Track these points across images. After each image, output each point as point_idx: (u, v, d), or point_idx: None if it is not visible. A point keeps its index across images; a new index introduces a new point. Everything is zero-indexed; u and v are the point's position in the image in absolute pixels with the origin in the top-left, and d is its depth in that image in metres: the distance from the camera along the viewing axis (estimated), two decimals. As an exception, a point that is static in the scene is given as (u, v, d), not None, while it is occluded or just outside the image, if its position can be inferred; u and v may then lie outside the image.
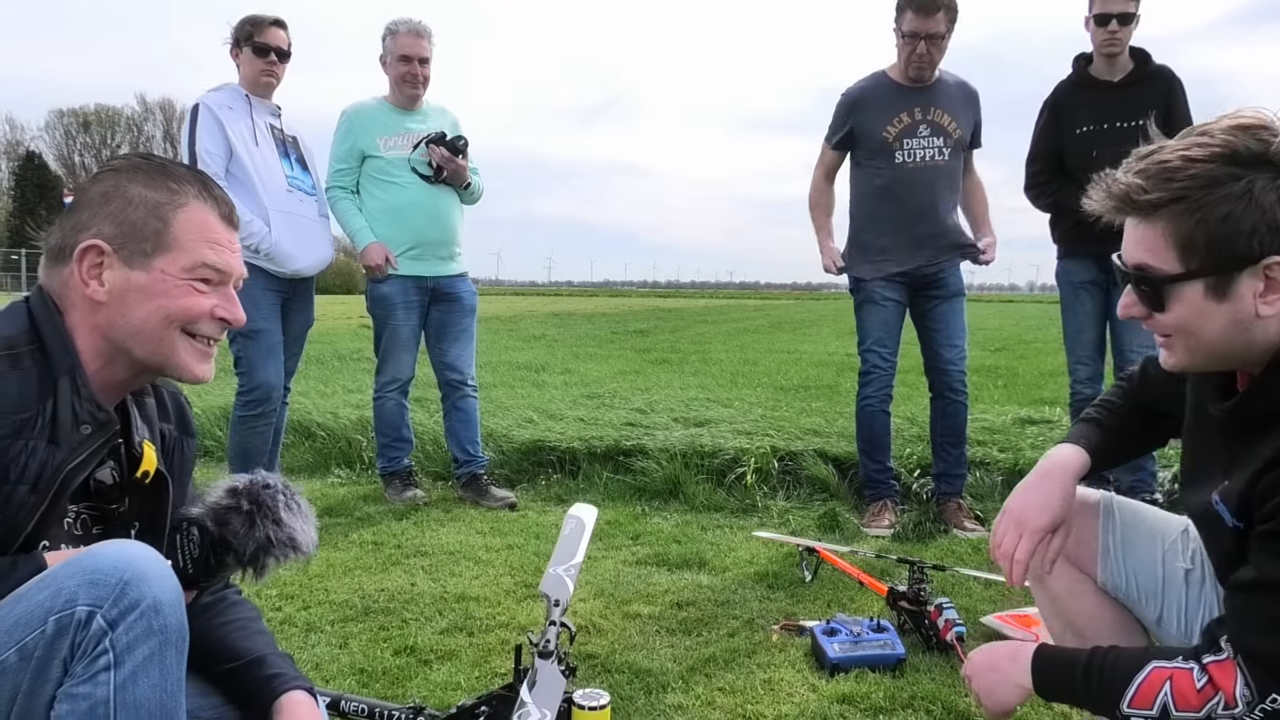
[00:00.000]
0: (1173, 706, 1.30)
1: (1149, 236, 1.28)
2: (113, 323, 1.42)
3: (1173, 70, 4.05)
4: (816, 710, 2.37)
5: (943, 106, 4.09)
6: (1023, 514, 1.57)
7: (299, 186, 4.14)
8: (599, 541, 3.87)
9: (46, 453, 1.33)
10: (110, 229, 1.41)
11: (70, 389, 1.37)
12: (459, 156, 4.44)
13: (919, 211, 4.10)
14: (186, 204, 1.46)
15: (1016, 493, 1.62)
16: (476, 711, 1.88)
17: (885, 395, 4.22)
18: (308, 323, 4.35)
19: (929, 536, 3.98)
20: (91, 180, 1.48)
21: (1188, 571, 1.65)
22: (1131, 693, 1.33)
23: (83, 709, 1.19)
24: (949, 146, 4.10)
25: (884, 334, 4.19)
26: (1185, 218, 1.23)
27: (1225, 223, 1.21)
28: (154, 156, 1.52)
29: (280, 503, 1.51)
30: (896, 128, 4.07)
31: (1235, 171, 1.21)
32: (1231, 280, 1.24)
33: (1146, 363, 1.70)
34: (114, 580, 1.21)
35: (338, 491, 4.80)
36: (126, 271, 1.42)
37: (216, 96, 4.03)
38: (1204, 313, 1.27)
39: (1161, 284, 1.29)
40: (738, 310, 29.61)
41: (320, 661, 2.66)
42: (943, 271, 4.17)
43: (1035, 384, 8.17)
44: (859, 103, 4.15)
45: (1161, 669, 1.33)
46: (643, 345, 13.39)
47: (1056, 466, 1.61)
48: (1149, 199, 1.25)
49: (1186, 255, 1.25)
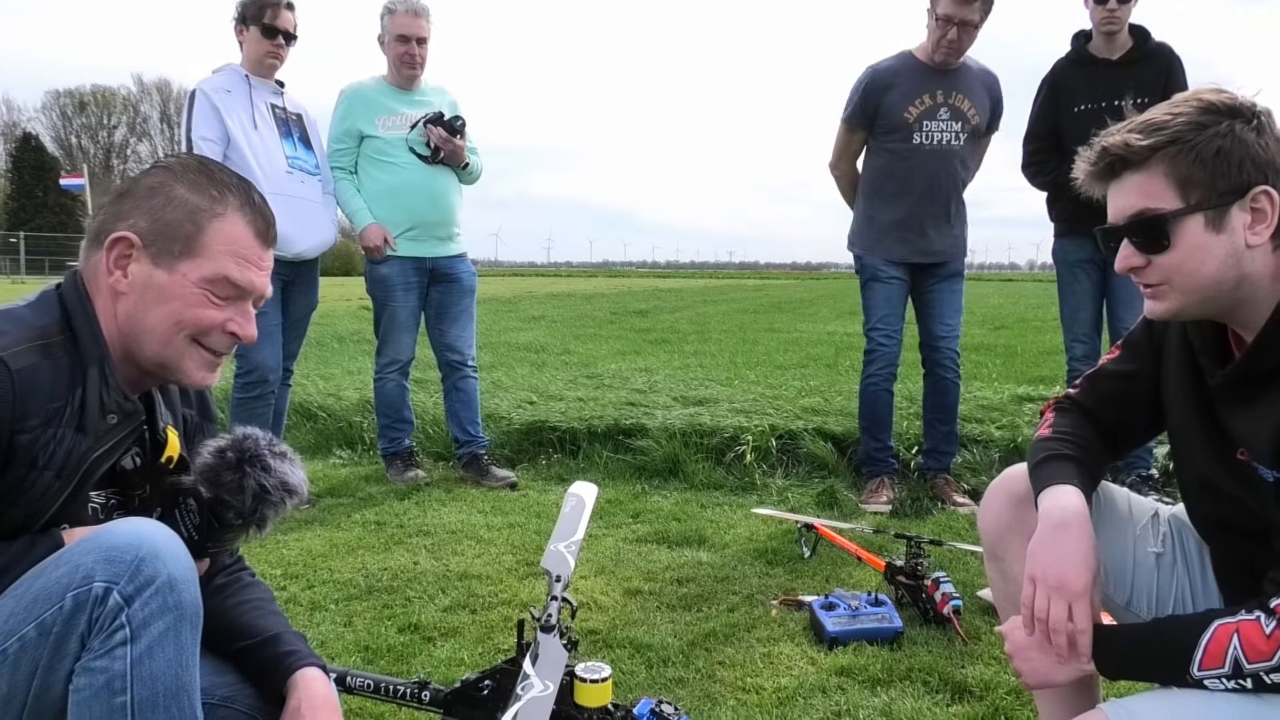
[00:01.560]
0: (1244, 659, 1.29)
1: (1146, 182, 1.38)
2: (129, 316, 1.44)
3: (1172, 48, 4.05)
4: (815, 682, 2.41)
5: (964, 91, 4.11)
6: (1060, 579, 1.43)
7: (301, 167, 4.13)
8: (600, 520, 3.91)
9: (74, 441, 1.36)
10: (145, 224, 1.43)
11: (99, 379, 1.40)
12: (457, 136, 4.44)
13: (928, 193, 4.12)
14: (225, 214, 1.47)
15: (1040, 554, 1.46)
16: (480, 685, 1.90)
17: (889, 374, 4.26)
18: (310, 305, 4.35)
19: (926, 512, 4.02)
20: (144, 172, 1.49)
21: (1158, 555, 1.67)
22: (1200, 654, 1.32)
23: (100, 682, 1.22)
24: (965, 131, 4.12)
25: (889, 311, 4.22)
26: (1182, 157, 1.35)
27: (1218, 157, 1.33)
28: (209, 162, 1.53)
29: (265, 450, 1.53)
30: (918, 109, 4.07)
31: (1216, 118, 1.35)
32: (1226, 212, 1.35)
33: (1090, 380, 1.71)
34: (130, 557, 1.24)
35: (339, 472, 4.83)
36: (150, 268, 1.43)
37: (215, 80, 4.01)
38: (1204, 246, 1.37)
39: (1165, 222, 1.37)
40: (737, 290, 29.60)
41: (325, 639, 2.70)
42: (946, 258, 4.21)
43: (1034, 362, 8.20)
44: (886, 83, 4.12)
45: (1226, 624, 1.32)
46: (642, 325, 13.41)
47: (1072, 516, 1.48)
48: (1146, 145, 1.36)
49: (1186, 191, 1.36)
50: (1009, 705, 2.25)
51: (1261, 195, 1.34)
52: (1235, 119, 1.34)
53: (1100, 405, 1.68)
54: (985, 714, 2.22)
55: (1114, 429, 1.67)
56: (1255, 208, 1.34)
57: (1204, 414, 1.50)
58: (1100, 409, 1.68)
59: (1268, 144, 1.34)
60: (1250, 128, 1.34)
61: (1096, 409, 1.68)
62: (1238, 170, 1.33)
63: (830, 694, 2.34)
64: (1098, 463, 1.64)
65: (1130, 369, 1.65)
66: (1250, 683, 1.29)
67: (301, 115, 4.26)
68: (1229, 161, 1.33)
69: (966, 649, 2.60)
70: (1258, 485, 1.40)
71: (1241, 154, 1.33)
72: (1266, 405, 1.36)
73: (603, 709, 1.79)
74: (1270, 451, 1.36)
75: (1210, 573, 1.65)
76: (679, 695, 2.34)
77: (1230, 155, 1.33)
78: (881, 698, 2.32)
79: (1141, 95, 3.88)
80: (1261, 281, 1.37)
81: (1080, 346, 4.23)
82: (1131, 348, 1.66)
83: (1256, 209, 1.34)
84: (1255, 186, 1.34)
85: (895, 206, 4.16)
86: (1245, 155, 1.33)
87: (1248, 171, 1.33)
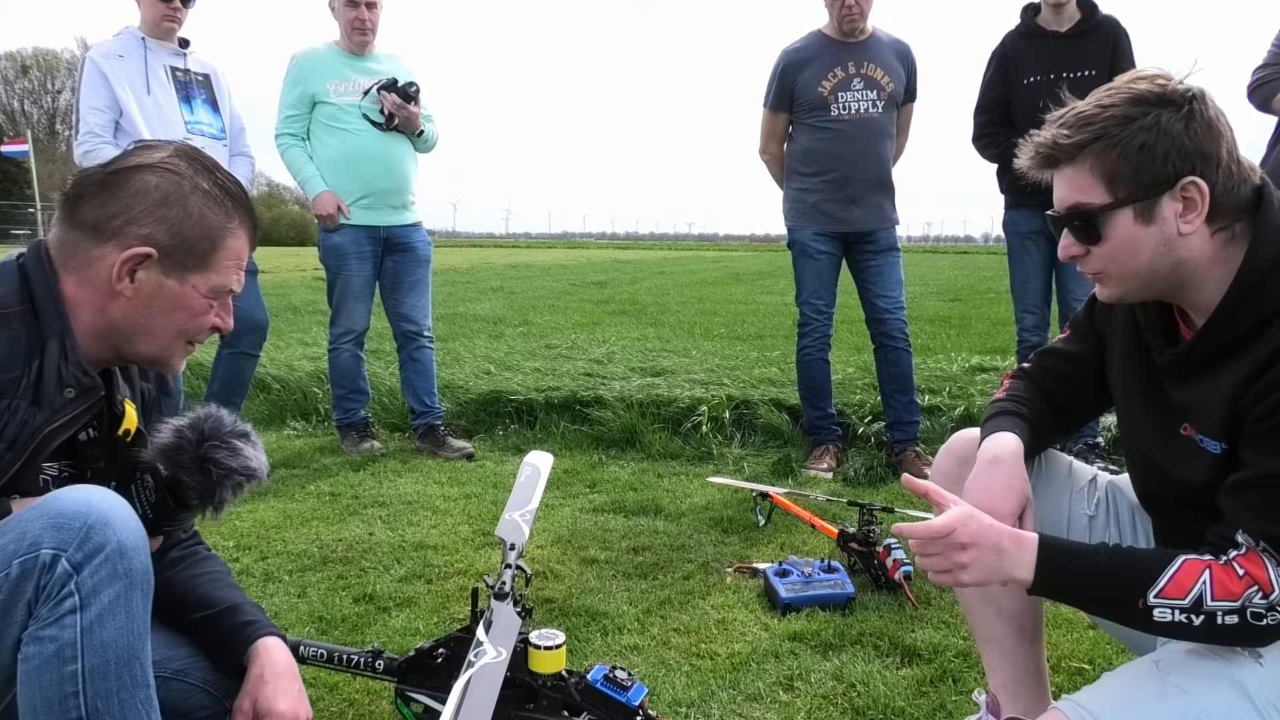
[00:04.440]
0: (1209, 595, 1.32)
1: (1077, 177, 1.41)
2: (126, 315, 1.43)
3: (1119, 20, 4.10)
4: (769, 648, 2.44)
5: (876, 61, 4.19)
6: (988, 504, 1.51)
7: (201, 131, 3.99)
8: (556, 490, 3.92)
9: (28, 413, 1.34)
10: (164, 237, 1.41)
11: (58, 352, 1.38)
12: (411, 103, 4.39)
13: (852, 164, 4.18)
14: (235, 229, 1.48)
15: (972, 486, 1.57)
16: (435, 654, 1.91)
17: (823, 344, 4.35)
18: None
19: (879, 480, 4.08)
20: (149, 166, 1.44)
21: (1090, 518, 1.74)
22: (1164, 582, 1.34)
23: (49, 651, 1.21)
24: (882, 100, 4.18)
25: (819, 286, 4.30)
26: (1107, 153, 1.37)
27: (1142, 151, 1.35)
28: (209, 163, 1.50)
29: (226, 431, 1.53)
30: (831, 82, 4.15)
31: (1143, 109, 1.35)
32: (1155, 204, 1.37)
33: (1040, 355, 1.78)
34: (78, 524, 1.22)
35: (294, 444, 4.79)
36: (161, 278, 1.43)
37: (107, 46, 3.89)
38: (1135, 238, 1.40)
39: (1095, 216, 1.41)
40: (696, 261, 29.59)
41: (279, 610, 2.68)
42: (875, 230, 4.26)
43: (987, 333, 8.32)
44: (796, 63, 4.22)
45: (1196, 560, 1.35)
46: (601, 297, 13.37)
47: (1005, 452, 1.59)
48: (1073, 142, 1.39)
49: (1113, 186, 1.38)
50: (956, 668, 2.30)
51: (1190, 185, 1.35)
52: (1164, 109, 1.35)
53: (1047, 380, 1.76)
54: (934, 675, 2.27)
55: (1061, 405, 1.75)
56: (1186, 197, 1.36)
57: (1150, 391, 1.54)
58: (1048, 383, 1.75)
59: (1196, 132, 1.34)
60: (1179, 117, 1.34)
61: (1045, 383, 1.76)
62: (1163, 163, 1.34)
63: (783, 659, 2.38)
64: (1045, 427, 1.71)
65: (1074, 350, 1.72)
66: (1199, 620, 1.33)
67: (210, 76, 4.12)
68: (1154, 155, 1.34)
69: (916, 613, 2.65)
70: (1200, 458, 1.44)
71: (1167, 146, 1.34)
72: (1216, 380, 1.40)
73: (557, 675, 1.80)
74: (1219, 424, 1.40)
75: (1141, 537, 1.72)
76: (634, 662, 2.36)
77: (1155, 149, 1.34)
78: (833, 661, 2.36)
79: (1089, 68, 3.94)
80: (1200, 264, 1.40)
81: (1030, 317, 4.30)
82: (1076, 329, 1.73)
83: (1187, 198, 1.36)
84: (1183, 177, 1.35)
85: (821, 180, 4.22)
86: (1171, 147, 1.34)
87: (1174, 163, 1.34)
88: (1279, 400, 1.31)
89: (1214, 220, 1.38)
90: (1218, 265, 1.39)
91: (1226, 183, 1.36)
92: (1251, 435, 1.35)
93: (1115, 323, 1.62)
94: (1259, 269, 1.36)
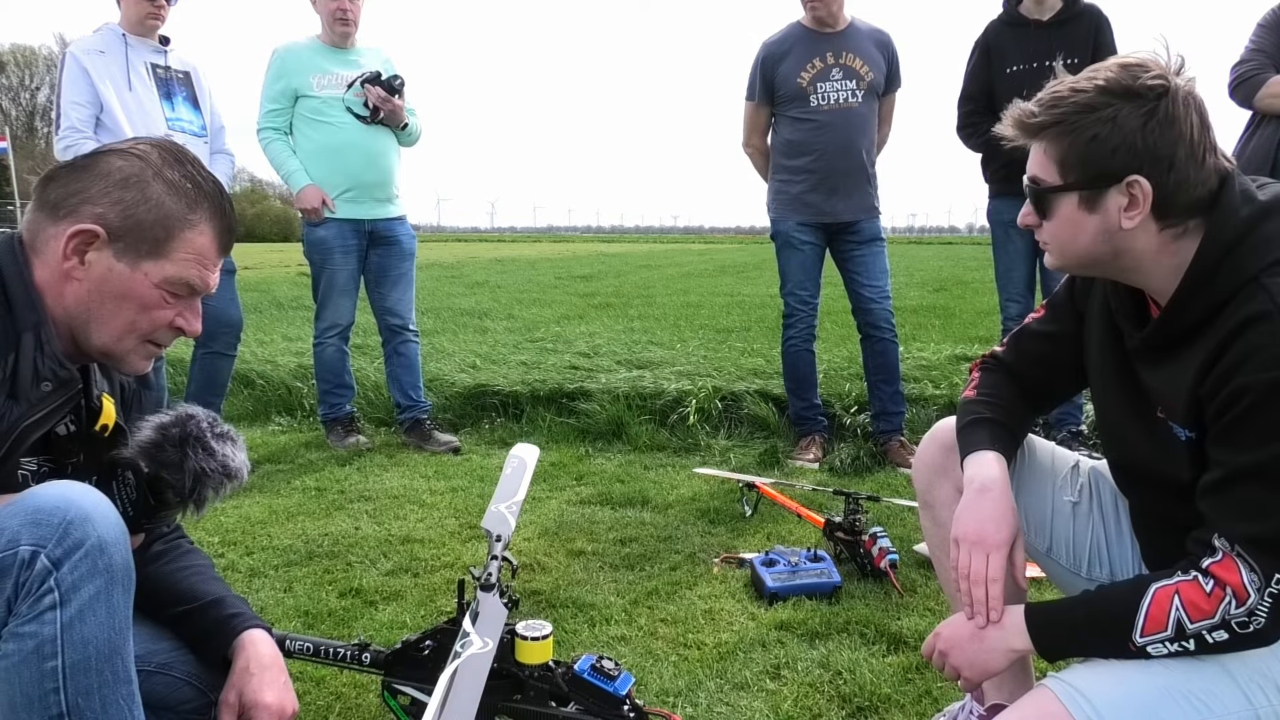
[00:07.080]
0: (1187, 620, 1.32)
1: (1037, 153, 1.45)
2: (80, 302, 1.40)
3: (1100, 8, 4.11)
4: (755, 637, 2.45)
5: (854, 50, 4.19)
6: (980, 534, 1.52)
7: (183, 128, 3.96)
8: (543, 483, 3.92)
9: (4, 407, 1.32)
10: (115, 218, 1.38)
11: (34, 345, 1.35)
12: (395, 96, 4.37)
13: (833, 155, 4.19)
14: (197, 224, 1.44)
15: (962, 516, 1.56)
16: (421, 646, 1.91)
17: (808, 335, 4.36)
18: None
19: (866, 470, 4.09)
20: (120, 151, 1.43)
21: (1074, 505, 1.75)
22: (1141, 621, 1.35)
23: (30, 648, 1.20)
24: (861, 89, 4.19)
25: (803, 277, 4.31)
26: (1062, 138, 1.39)
27: (1093, 143, 1.36)
28: (186, 156, 1.48)
29: (208, 431, 1.51)
30: (810, 73, 4.16)
31: (1107, 100, 1.35)
32: (1101, 195, 1.39)
33: (1017, 338, 1.77)
34: (57, 520, 1.21)
35: (279, 439, 4.77)
36: (111, 261, 1.39)
37: (88, 41, 3.86)
38: (1077, 222, 1.43)
39: (1045, 194, 1.45)
40: (682, 254, 29.59)
41: (265, 605, 2.67)
42: (858, 220, 4.27)
43: (971, 322, 8.36)
44: (775, 54, 4.23)
45: (1165, 587, 1.35)
46: (586, 290, 13.37)
47: (992, 481, 1.57)
48: (1035, 122, 1.42)
49: (1064, 170, 1.41)
50: (942, 654, 2.31)
51: (1135, 183, 1.35)
52: (1127, 103, 1.34)
53: (1024, 364, 1.74)
54: (920, 663, 2.27)
55: (1037, 387, 1.74)
56: (1131, 193, 1.36)
57: (1124, 373, 1.55)
58: (1024, 368, 1.74)
59: (1152, 130, 1.33)
60: (1139, 114, 1.33)
61: (1020, 367, 1.74)
62: (1110, 157, 1.35)
63: (770, 648, 2.39)
64: (1020, 423, 1.72)
65: (1053, 329, 1.70)
66: (1193, 644, 1.33)
67: (190, 74, 4.09)
68: (1102, 149, 1.35)
69: (902, 601, 2.66)
70: (1174, 443, 1.44)
71: (1117, 143, 1.34)
72: (1179, 365, 1.40)
73: (544, 666, 1.80)
74: (1182, 410, 1.40)
75: (1124, 523, 1.72)
76: (621, 653, 2.36)
77: (1105, 143, 1.35)
78: (820, 650, 2.37)
79: (1071, 56, 3.94)
80: (1145, 255, 1.41)
81: (1015, 306, 4.32)
82: (1055, 308, 1.71)
83: (1132, 195, 1.36)
84: (1128, 175, 1.35)
85: (803, 170, 4.23)
86: (1121, 144, 1.34)
87: (1121, 160, 1.34)
88: (1235, 391, 1.30)
89: (1162, 218, 1.37)
90: (1166, 256, 1.40)
91: (1179, 184, 1.35)
92: (1216, 432, 1.35)
93: (1092, 303, 1.62)
94: (1213, 256, 1.36)
